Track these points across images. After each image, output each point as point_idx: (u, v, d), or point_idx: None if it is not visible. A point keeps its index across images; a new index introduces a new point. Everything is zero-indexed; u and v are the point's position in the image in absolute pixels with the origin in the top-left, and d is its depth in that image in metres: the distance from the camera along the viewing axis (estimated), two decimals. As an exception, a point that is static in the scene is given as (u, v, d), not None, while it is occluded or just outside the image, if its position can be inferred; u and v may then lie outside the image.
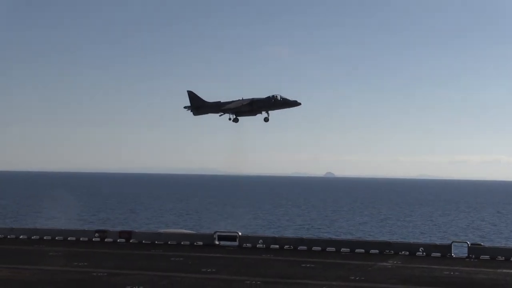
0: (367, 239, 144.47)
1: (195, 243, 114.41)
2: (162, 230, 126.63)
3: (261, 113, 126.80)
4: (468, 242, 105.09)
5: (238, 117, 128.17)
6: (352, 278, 79.75)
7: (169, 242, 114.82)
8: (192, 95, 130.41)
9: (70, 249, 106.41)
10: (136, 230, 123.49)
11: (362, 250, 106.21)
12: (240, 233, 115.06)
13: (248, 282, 75.80)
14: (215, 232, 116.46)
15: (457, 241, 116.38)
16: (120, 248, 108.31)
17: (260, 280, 77.10)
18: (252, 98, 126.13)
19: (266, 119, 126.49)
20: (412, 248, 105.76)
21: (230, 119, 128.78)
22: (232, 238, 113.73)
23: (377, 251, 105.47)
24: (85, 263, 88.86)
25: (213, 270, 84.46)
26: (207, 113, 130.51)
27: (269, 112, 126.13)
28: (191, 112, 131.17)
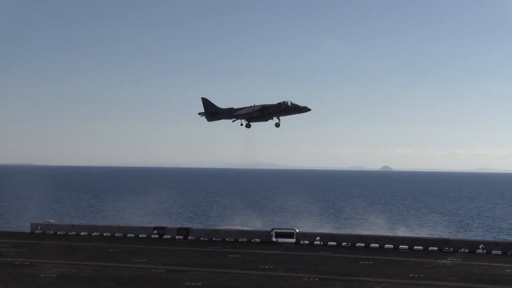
0: (426, 236, 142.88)
1: (252, 240, 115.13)
2: (219, 227, 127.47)
3: (272, 118, 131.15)
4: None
5: (250, 123, 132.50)
6: (411, 275, 79.14)
7: (226, 239, 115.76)
8: (206, 102, 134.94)
9: (129, 245, 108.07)
10: (194, 227, 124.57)
11: (421, 247, 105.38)
12: (297, 230, 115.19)
13: (306, 279, 75.86)
14: (272, 229, 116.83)
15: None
16: (178, 245, 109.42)
17: (317, 277, 77.10)
18: (263, 105, 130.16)
19: (277, 125, 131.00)
20: (472, 245, 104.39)
21: (242, 124, 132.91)
22: (289, 235, 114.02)
23: (436, 248, 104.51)
24: (144, 260, 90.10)
25: (271, 267, 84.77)
26: (220, 119, 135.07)
27: (280, 118, 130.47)
28: (205, 118, 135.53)
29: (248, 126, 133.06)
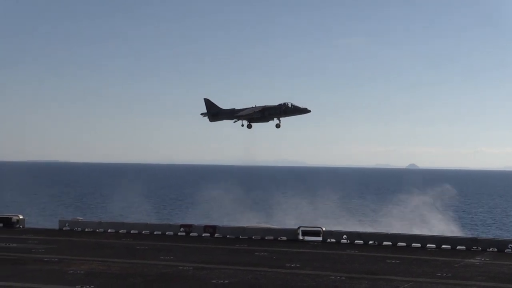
0: (454, 235, 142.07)
1: (279, 238, 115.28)
2: (246, 225, 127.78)
3: (273, 119, 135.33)
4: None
5: (251, 124, 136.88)
6: (439, 274, 78.72)
7: (253, 237, 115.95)
8: (208, 103, 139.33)
9: (156, 243, 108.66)
10: (221, 225, 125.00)
11: (449, 247, 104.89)
12: (324, 228, 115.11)
13: (333, 277, 75.69)
14: (299, 227, 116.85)
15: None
16: (205, 243, 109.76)
17: (344, 275, 76.88)
18: (264, 106, 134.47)
19: (277, 126, 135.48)
20: (500, 244, 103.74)
21: (242, 125, 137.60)
22: (316, 233, 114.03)
23: (464, 247, 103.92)
24: (171, 257, 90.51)
25: (297, 265, 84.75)
26: (222, 119, 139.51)
27: (281, 119, 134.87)
28: (208, 119, 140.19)
29: (249, 126, 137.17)
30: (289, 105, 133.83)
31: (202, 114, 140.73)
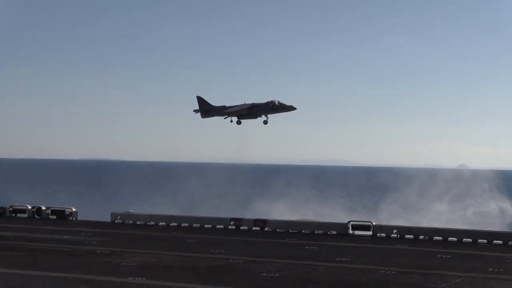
0: (505, 230, 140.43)
1: (328, 232, 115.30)
2: (296, 219, 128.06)
3: (261, 116, 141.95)
4: None
5: (241, 120, 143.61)
6: (490, 270, 77.93)
7: (303, 231, 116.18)
8: (200, 100, 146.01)
9: (207, 236, 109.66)
10: (271, 219, 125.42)
11: (500, 242, 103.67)
12: (374, 223, 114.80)
13: (383, 271, 75.48)
14: (349, 222, 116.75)
15: None
16: (255, 236, 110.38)
17: (395, 270, 76.58)
18: (253, 103, 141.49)
19: (265, 122, 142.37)
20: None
21: (231, 121, 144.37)
22: (366, 228, 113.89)
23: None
24: (222, 250, 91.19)
25: (348, 259, 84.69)
26: (213, 116, 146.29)
27: (268, 115, 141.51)
28: (200, 115, 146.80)
29: (238, 123, 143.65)
30: (276, 103, 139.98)
31: (194, 110, 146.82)
